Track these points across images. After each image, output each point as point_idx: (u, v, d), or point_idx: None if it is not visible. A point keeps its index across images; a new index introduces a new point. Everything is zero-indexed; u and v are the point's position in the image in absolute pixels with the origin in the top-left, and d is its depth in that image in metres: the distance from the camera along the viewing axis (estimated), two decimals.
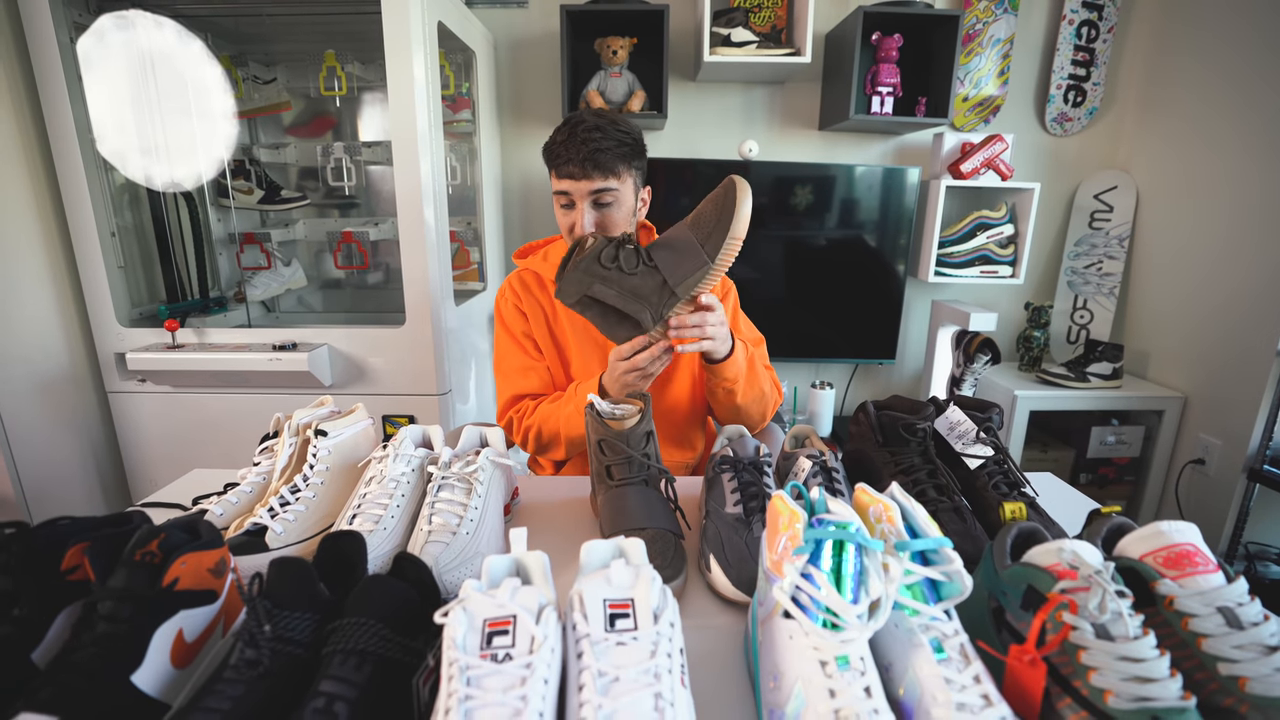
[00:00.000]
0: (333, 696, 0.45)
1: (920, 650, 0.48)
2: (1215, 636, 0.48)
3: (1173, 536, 0.53)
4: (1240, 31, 1.86)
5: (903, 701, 0.47)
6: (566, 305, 0.95)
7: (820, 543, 0.49)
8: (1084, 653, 0.46)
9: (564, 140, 1.01)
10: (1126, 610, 0.47)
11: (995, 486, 0.78)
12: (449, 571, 0.65)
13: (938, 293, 2.37)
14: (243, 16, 1.77)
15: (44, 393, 1.60)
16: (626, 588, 0.48)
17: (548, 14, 2.09)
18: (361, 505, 0.73)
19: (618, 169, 1.03)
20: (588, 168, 1.00)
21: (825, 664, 0.46)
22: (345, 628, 0.49)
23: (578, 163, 1.00)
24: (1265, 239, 1.77)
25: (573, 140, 1.00)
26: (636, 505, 0.74)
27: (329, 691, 0.46)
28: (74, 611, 0.53)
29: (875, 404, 0.87)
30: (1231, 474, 1.86)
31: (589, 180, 1.01)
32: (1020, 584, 0.52)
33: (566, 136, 1.01)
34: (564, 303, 0.95)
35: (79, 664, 0.46)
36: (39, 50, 1.51)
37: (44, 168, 1.59)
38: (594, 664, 0.44)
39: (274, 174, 2.01)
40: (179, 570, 0.52)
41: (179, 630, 0.52)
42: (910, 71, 2.05)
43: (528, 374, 1.19)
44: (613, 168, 1.02)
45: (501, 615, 0.46)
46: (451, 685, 0.42)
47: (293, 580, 0.53)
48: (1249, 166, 1.83)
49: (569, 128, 1.02)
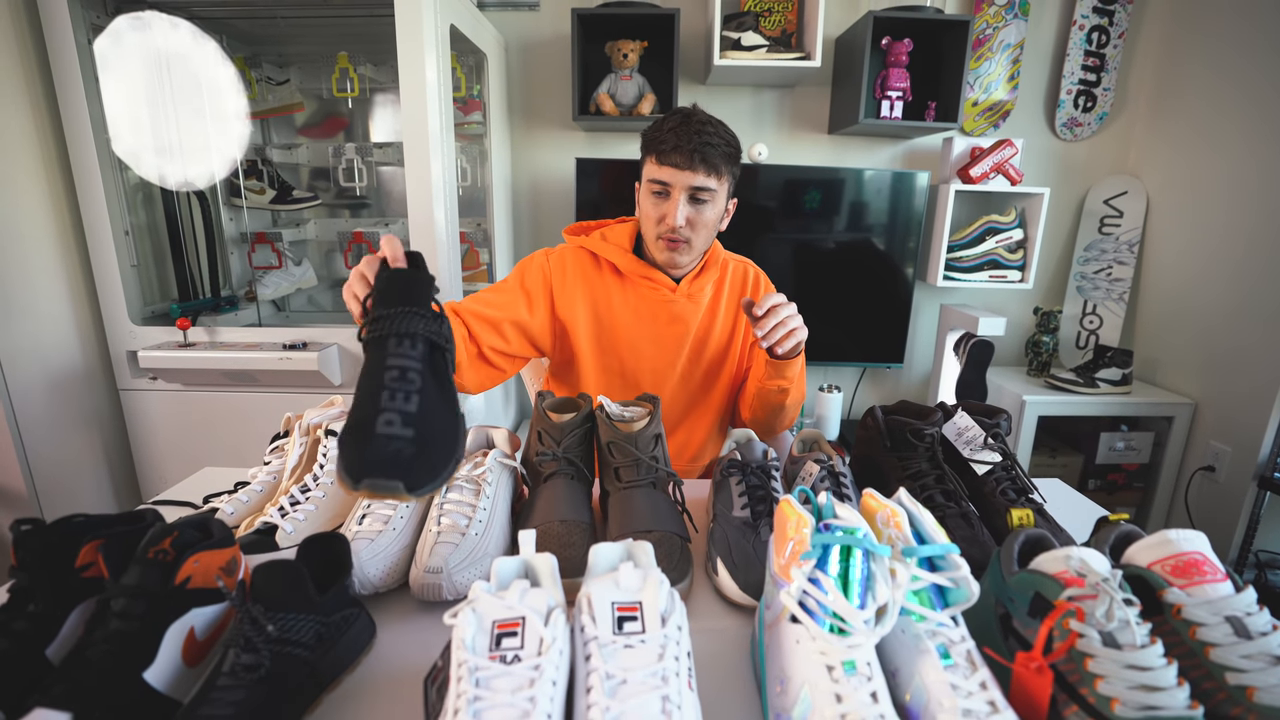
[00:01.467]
0: (403, 368, 0.56)
1: (927, 656, 0.48)
2: (1223, 646, 0.48)
3: (1181, 545, 0.53)
4: (1250, 38, 1.85)
5: (909, 707, 0.47)
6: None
7: (828, 548, 0.49)
8: (1091, 660, 0.46)
9: (675, 128, 1.00)
10: (1134, 618, 0.47)
11: (1003, 492, 0.78)
12: (458, 572, 0.66)
13: (946, 297, 2.36)
14: (257, 19, 1.79)
15: (57, 389, 1.62)
16: (635, 591, 0.49)
17: (559, 17, 2.10)
18: (371, 505, 0.73)
19: (721, 169, 1.02)
20: (695, 160, 0.99)
21: (832, 669, 0.46)
22: (393, 316, 0.58)
23: (686, 153, 0.99)
24: (1275, 244, 1.76)
25: (685, 129, 0.99)
26: (644, 507, 0.74)
27: (398, 365, 0.56)
28: (88, 608, 0.53)
29: (883, 409, 0.87)
30: (1242, 481, 1.84)
31: (693, 173, 1.00)
32: (1027, 591, 0.52)
33: (678, 124, 1.00)
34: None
35: (92, 660, 0.47)
36: (57, 51, 1.53)
37: (60, 167, 1.61)
38: (602, 666, 0.44)
39: (286, 174, 2.03)
40: (191, 569, 0.53)
41: (190, 628, 0.53)
42: (920, 76, 2.04)
43: (487, 308, 1.09)
44: (717, 167, 1.01)
45: (510, 617, 0.46)
46: (461, 686, 0.43)
47: (286, 583, 0.53)
48: (1259, 172, 1.81)
49: (681, 116, 1.01)
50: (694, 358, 1.19)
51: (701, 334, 1.18)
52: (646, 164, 1.06)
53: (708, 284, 1.17)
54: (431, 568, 0.65)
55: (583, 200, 2.02)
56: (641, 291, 1.14)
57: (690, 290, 1.14)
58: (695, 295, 1.15)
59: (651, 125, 1.05)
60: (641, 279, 1.13)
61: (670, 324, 1.16)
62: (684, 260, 1.10)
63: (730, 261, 1.23)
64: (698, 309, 1.17)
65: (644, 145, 1.06)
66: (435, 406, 0.57)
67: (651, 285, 1.13)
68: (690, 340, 1.18)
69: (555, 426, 0.80)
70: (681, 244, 1.06)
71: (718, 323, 1.19)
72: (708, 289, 1.17)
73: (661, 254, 1.09)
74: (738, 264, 1.24)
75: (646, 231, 1.10)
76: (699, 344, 1.19)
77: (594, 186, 2.01)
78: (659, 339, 1.16)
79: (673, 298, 1.14)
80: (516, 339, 1.12)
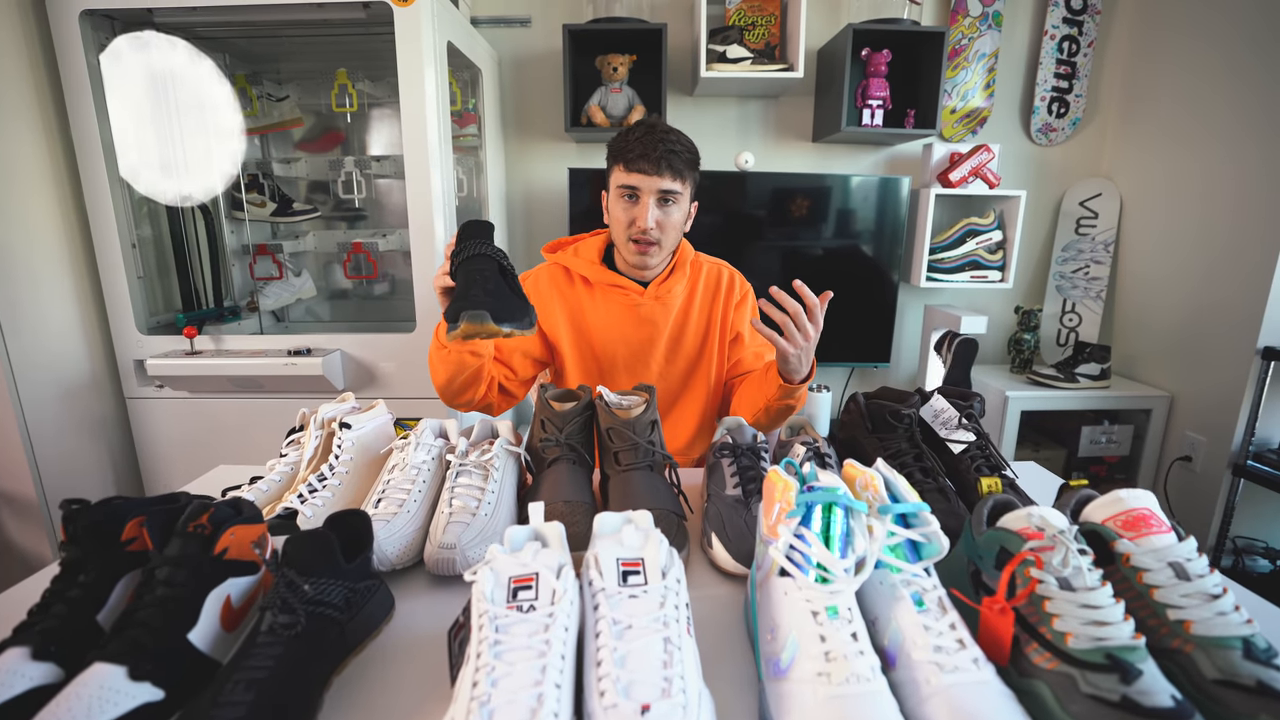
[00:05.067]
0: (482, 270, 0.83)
1: (902, 603, 0.53)
2: (1166, 587, 0.53)
3: (1130, 502, 0.59)
4: (1214, 44, 1.94)
5: (887, 650, 0.52)
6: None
7: (811, 506, 0.54)
8: (1048, 602, 0.52)
9: (641, 138, 1.08)
10: (1087, 565, 0.53)
11: (977, 468, 0.84)
12: (470, 548, 0.70)
13: (930, 298, 2.43)
14: (257, 37, 1.85)
15: (66, 398, 1.66)
16: (637, 548, 0.54)
17: (550, 33, 2.17)
18: (386, 490, 0.78)
19: (684, 174, 1.11)
20: (661, 166, 1.08)
21: (816, 614, 0.51)
22: (470, 245, 0.85)
23: (653, 160, 1.07)
24: (1244, 241, 1.84)
25: (651, 138, 1.08)
26: (642, 488, 0.79)
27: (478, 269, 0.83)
28: (134, 578, 0.58)
29: (865, 395, 0.93)
30: (1217, 470, 1.91)
31: (660, 178, 1.09)
32: (994, 546, 0.57)
33: (644, 134, 1.09)
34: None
35: (143, 621, 0.52)
36: (69, 71, 1.58)
37: (70, 182, 1.66)
38: (610, 614, 0.49)
39: (286, 187, 2.08)
40: (228, 540, 0.58)
41: (227, 596, 0.57)
42: (899, 85, 2.12)
43: (497, 351, 1.18)
44: (681, 172, 1.10)
45: (525, 573, 0.51)
46: (483, 633, 0.48)
47: (317, 550, 0.58)
48: (1228, 171, 1.90)
49: (646, 127, 1.10)
50: (669, 356, 1.25)
51: (675, 334, 1.24)
52: (614, 172, 1.13)
53: (677, 286, 1.22)
54: (446, 544, 0.70)
55: (575, 209, 2.07)
56: (612, 298, 1.21)
57: (658, 293, 1.21)
58: (664, 297, 1.21)
59: (617, 136, 1.13)
60: (610, 286, 1.21)
61: (640, 326, 1.22)
62: (654, 261, 1.17)
63: (704, 263, 1.29)
64: (669, 310, 1.23)
65: (611, 155, 1.14)
66: (507, 292, 0.83)
67: (620, 291, 1.20)
68: (664, 341, 1.24)
69: (558, 415, 0.86)
70: (652, 245, 1.14)
71: (691, 322, 1.25)
72: (678, 290, 1.23)
73: (632, 256, 1.16)
74: (711, 265, 1.29)
75: (617, 235, 1.17)
76: (673, 344, 1.25)
77: (586, 196, 2.07)
78: (630, 341, 1.23)
79: (641, 301, 1.20)
80: (523, 365, 1.22)
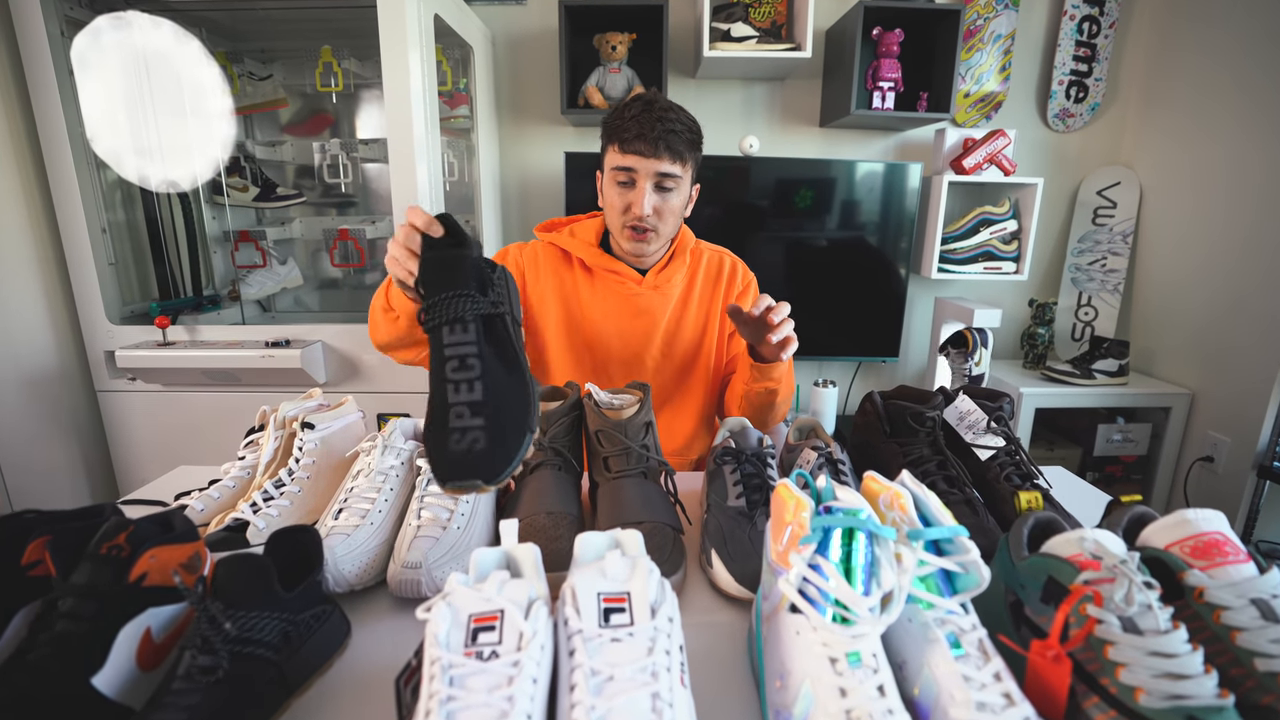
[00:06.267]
0: (461, 356, 0.56)
1: (936, 646, 0.45)
2: (1250, 630, 0.45)
3: (1200, 525, 0.50)
4: (1242, 25, 1.83)
5: (918, 701, 0.44)
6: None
7: (828, 531, 0.46)
8: (1111, 648, 0.43)
9: (637, 115, 0.97)
10: (1156, 602, 0.44)
11: (1007, 478, 0.75)
12: (438, 567, 0.62)
13: (941, 290, 2.34)
14: (238, 11, 1.75)
15: (31, 391, 1.58)
16: (622, 580, 0.45)
17: (546, 10, 2.07)
18: (348, 499, 0.70)
19: (685, 156, 1.00)
20: (659, 147, 0.97)
21: (835, 661, 0.43)
22: (441, 302, 0.57)
23: (650, 140, 0.97)
24: (1271, 233, 1.74)
25: (648, 116, 0.97)
26: (634, 498, 0.71)
27: (456, 354, 0.56)
28: (33, 609, 0.49)
29: (882, 394, 0.85)
30: (1241, 471, 1.82)
31: (658, 160, 0.98)
32: (1040, 576, 0.49)
33: (640, 112, 0.97)
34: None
35: (32, 665, 0.43)
36: (28, 44, 1.49)
37: (33, 162, 1.57)
38: (586, 662, 0.41)
39: (270, 171, 1.99)
40: (147, 564, 0.49)
41: (146, 629, 0.49)
42: (911, 67, 2.02)
43: None
44: (681, 153, 1.00)
45: (488, 610, 0.43)
46: (433, 685, 0.39)
47: (249, 578, 0.50)
48: (1253, 160, 1.80)
49: (643, 104, 0.98)
50: (665, 350, 1.16)
51: (672, 325, 1.16)
52: (609, 152, 1.03)
53: (676, 275, 1.14)
54: (410, 563, 0.62)
55: (572, 194, 1.98)
56: (608, 285, 1.12)
57: (657, 282, 1.12)
58: (663, 287, 1.13)
59: (612, 113, 1.02)
60: (608, 272, 1.11)
61: (636, 317, 1.13)
62: (650, 249, 1.08)
63: (705, 251, 1.20)
64: (667, 301, 1.14)
65: (605, 133, 1.03)
66: (500, 385, 0.57)
67: (618, 278, 1.11)
68: (660, 333, 1.15)
69: (541, 415, 0.77)
70: (649, 233, 1.04)
71: (690, 313, 1.16)
72: (676, 279, 1.14)
73: (627, 244, 1.07)
74: (713, 253, 1.20)
75: (612, 222, 1.08)
76: (670, 336, 1.16)
77: (583, 180, 1.98)
78: (625, 332, 1.14)
79: (639, 290, 1.11)
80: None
